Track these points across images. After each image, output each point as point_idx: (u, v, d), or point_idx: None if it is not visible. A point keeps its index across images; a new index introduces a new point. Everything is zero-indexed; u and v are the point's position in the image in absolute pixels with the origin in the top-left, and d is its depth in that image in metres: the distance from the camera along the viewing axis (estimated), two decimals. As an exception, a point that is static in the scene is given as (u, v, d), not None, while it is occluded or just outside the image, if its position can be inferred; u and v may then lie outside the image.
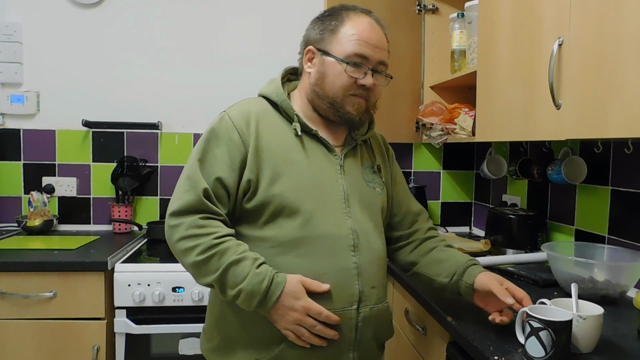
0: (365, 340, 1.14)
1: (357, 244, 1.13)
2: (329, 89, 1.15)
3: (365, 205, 1.19)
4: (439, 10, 2.32)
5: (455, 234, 2.27)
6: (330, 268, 1.09)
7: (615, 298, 1.32)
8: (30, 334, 1.75)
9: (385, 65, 1.18)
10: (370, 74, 1.14)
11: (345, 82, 1.13)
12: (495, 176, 2.10)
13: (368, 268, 1.14)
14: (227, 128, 1.13)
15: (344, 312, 1.09)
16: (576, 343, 0.99)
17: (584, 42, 1.15)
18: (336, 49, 1.14)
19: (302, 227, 1.09)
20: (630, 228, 1.47)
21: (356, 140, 1.24)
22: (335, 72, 1.14)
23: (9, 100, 2.29)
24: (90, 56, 2.34)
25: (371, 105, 1.21)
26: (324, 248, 1.10)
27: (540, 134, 1.34)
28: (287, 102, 1.18)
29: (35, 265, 1.75)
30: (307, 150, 1.16)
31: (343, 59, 1.13)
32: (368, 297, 1.13)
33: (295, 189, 1.10)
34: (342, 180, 1.17)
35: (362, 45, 1.13)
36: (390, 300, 1.81)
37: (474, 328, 1.14)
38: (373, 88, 1.16)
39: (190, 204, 1.08)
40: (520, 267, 1.62)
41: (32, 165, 2.34)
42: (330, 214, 1.13)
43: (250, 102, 1.20)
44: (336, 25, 1.15)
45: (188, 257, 1.07)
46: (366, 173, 1.24)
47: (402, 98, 2.31)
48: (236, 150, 1.11)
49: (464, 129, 1.98)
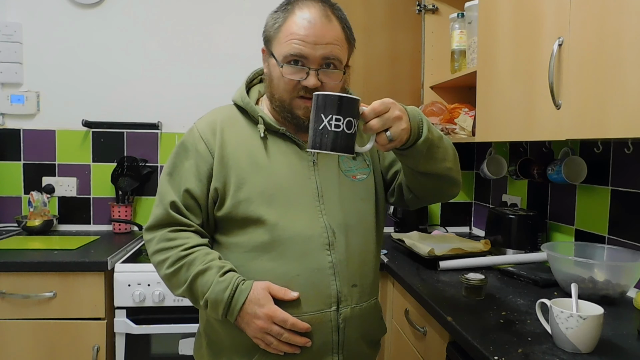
0: (351, 341, 1.11)
1: (332, 242, 1.09)
2: (276, 91, 1.12)
3: (345, 198, 1.15)
4: (439, 10, 2.32)
5: (455, 234, 2.27)
6: (303, 270, 1.07)
7: (615, 298, 1.32)
8: (30, 334, 1.75)
9: (338, 59, 1.09)
10: (313, 73, 1.06)
11: (286, 85, 1.09)
12: (495, 176, 2.10)
13: (347, 266, 1.10)
14: (194, 139, 1.14)
15: (322, 314, 1.07)
16: (576, 343, 0.99)
17: (584, 42, 1.15)
18: (277, 50, 1.09)
19: (271, 230, 1.07)
20: (630, 228, 1.47)
21: None
22: (277, 74, 1.09)
23: (9, 100, 2.29)
24: (90, 56, 2.34)
25: None
26: (296, 249, 1.07)
27: (540, 134, 1.34)
28: (251, 106, 1.15)
29: (35, 265, 1.75)
30: (276, 151, 1.13)
31: (280, 61, 1.08)
32: (348, 296, 1.10)
33: (261, 193, 1.09)
34: (315, 176, 1.14)
35: (297, 45, 1.06)
36: (390, 300, 1.81)
37: (474, 328, 1.14)
38: (322, 87, 1.07)
39: (160, 218, 1.12)
40: (520, 267, 1.62)
41: (32, 165, 2.34)
42: (302, 214, 1.10)
43: (218, 111, 1.20)
44: (280, 23, 1.09)
45: (160, 270, 1.11)
46: (344, 163, 1.19)
47: (402, 98, 2.30)
48: (202, 160, 1.12)
49: (464, 129, 1.98)
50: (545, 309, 1.08)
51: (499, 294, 1.41)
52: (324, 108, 0.91)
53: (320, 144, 0.91)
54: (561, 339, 1.01)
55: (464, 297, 1.37)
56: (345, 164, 1.19)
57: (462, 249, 1.76)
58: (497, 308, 1.28)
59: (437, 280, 1.55)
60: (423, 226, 2.38)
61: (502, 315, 1.22)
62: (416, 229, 2.28)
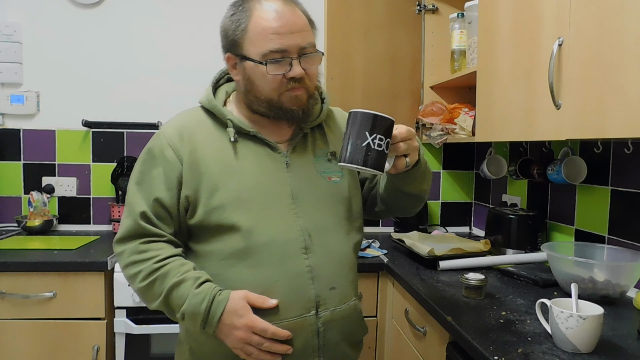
0: (332, 344, 1.09)
1: (309, 245, 1.07)
2: (261, 93, 1.08)
3: (320, 199, 1.12)
4: (439, 10, 2.32)
5: (455, 234, 2.27)
6: (281, 275, 1.05)
7: (615, 298, 1.32)
8: (30, 334, 1.75)
9: (313, 45, 1.08)
10: (297, 62, 1.05)
11: (273, 83, 1.06)
12: (495, 176, 2.10)
13: (325, 269, 1.08)
14: (161, 146, 1.10)
15: (302, 319, 1.05)
16: (576, 343, 0.99)
17: (584, 42, 1.15)
18: (252, 51, 1.05)
19: (247, 237, 1.05)
20: (630, 228, 1.47)
21: (303, 129, 1.16)
22: (259, 75, 1.06)
23: (9, 100, 2.29)
24: (91, 56, 2.34)
25: (311, 89, 1.11)
26: (272, 255, 1.05)
27: (540, 134, 1.34)
28: (219, 109, 1.12)
29: (35, 265, 1.75)
30: (247, 154, 1.10)
31: (261, 60, 1.04)
32: (327, 300, 1.08)
33: (235, 199, 1.06)
34: (289, 178, 1.11)
35: (274, 40, 1.03)
36: (390, 300, 1.81)
37: (474, 328, 1.14)
38: (306, 74, 1.07)
39: (130, 230, 1.08)
40: (520, 267, 1.62)
41: (32, 165, 2.34)
42: (277, 218, 1.07)
43: (186, 114, 1.16)
44: (245, 23, 1.06)
45: (133, 284, 1.08)
46: (320, 163, 1.16)
47: (402, 98, 2.31)
48: (171, 168, 1.08)
49: (464, 129, 1.98)
50: (545, 309, 1.08)
51: (499, 294, 1.41)
52: (371, 126, 0.94)
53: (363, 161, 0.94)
54: (561, 339, 1.01)
55: (464, 297, 1.37)
56: (321, 165, 1.16)
57: (462, 249, 1.76)
58: (497, 308, 1.28)
59: (437, 280, 1.56)
60: (423, 226, 2.38)
61: (502, 315, 1.22)
62: (416, 229, 2.28)
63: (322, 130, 1.21)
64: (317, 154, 1.17)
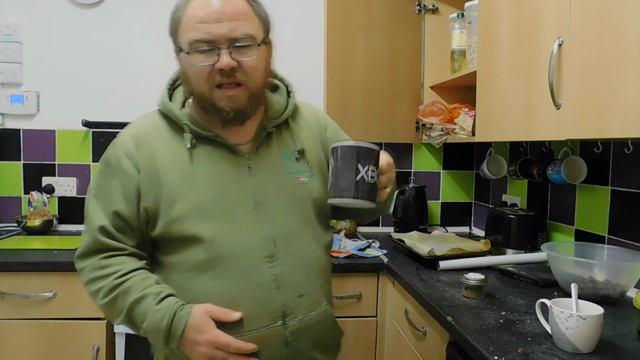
0: (302, 352, 1.06)
1: (274, 252, 1.03)
2: (193, 86, 1.03)
3: (287, 203, 1.07)
4: (439, 10, 2.33)
5: (455, 234, 2.27)
6: (245, 286, 1.01)
7: (615, 298, 1.32)
8: (30, 334, 1.75)
9: (249, 36, 1.00)
10: (225, 52, 0.97)
11: (200, 74, 1.00)
12: (495, 176, 2.10)
13: (291, 277, 1.04)
14: (117, 156, 1.06)
15: (269, 330, 1.02)
16: (576, 343, 0.99)
17: (584, 42, 1.15)
18: (182, 41, 1.02)
19: (208, 248, 1.01)
20: (630, 228, 1.47)
21: (267, 128, 1.10)
22: (188, 66, 1.01)
23: (9, 100, 2.29)
24: (91, 56, 2.34)
25: (253, 87, 1.03)
26: (235, 265, 1.02)
27: (540, 134, 1.34)
28: (174, 113, 1.07)
29: (35, 265, 1.75)
30: (206, 160, 1.05)
31: (187, 50, 1.00)
32: (295, 308, 1.04)
33: (195, 209, 1.02)
34: (252, 182, 1.06)
35: (199, 28, 0.98)
36: (390, 300, 1.81)
37: (474, 328, 1.14)
38: (240, 67, 0.99)
39: (89, 246, 1.05)
40: (520, 267, 1.62)
41: (32, 165, 2.34)
42: (239, 226, 1.03)
43: (142, 120, 1.12)
44: (182, 12, 1.02)
45: (95, 300, 1.04)
46: (287, 163, 1.11)
47: (402, 98, 2.31)
48: (128, 179, 1.04)
49: (464, 129, 1.98)
50: (545, 309, 1.08)
51: (499, 294, 1.41)
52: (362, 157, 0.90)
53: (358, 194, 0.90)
54: (561, 339, 1.01)
55: (464, 297, 1.37)
56: (288, 165, 1.11)
57: (462, 249, 1.76)
58: (497, 308, 1.28)
59: (437, 280, 1.56)
60: (423, 226, 2.38)
61: (502, 315, 1.22)
62: (416, 229, 2.28)
63: (289, 127, 1.15)
64: (284, 153, 1.12)
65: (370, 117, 2.24)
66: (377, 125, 2.25)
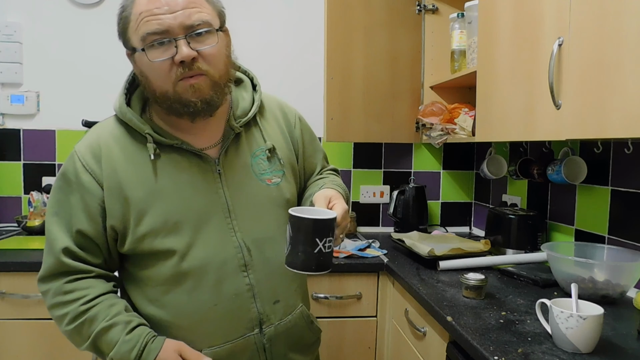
0: (280, 356, 1.06)
1: (248, 261, 1.02)
2: (155, 86, 0.96)
3: (260, 208, 1.04)
4: (439, 10, 2.32)
5: (455, 234, 2.27)
6: (220, 298, 0.99)
7: (615, 298, 1.32)
8: (30, 334, 1.75)
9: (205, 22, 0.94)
10: (182, 42, 0.91)
11: (161, 70, 0.93)
12: (495, 176, 2.10)
13: (267, 284, 1.03)
14: (76, 171, 0.98)
15: (245, 339, 1.01)
16: (576, 343, 0.99)
17: (584, 42, 1.15)
18: (134, 40, 0.94)
19: (180, 261, 0.98)
20: (630, 228, 1.47)
21: (234, 129, 1.05)
22: (146, 65, 0.94)
23: (9, 100, 2.29)
24: (91, 56, 2.34)
25: (217, 76, 0.96)
26: (210, 278, 0.99)
27: (540, 134, 1.34)
28: (135, 121, 0.99)
29: (35, 265, 1.73)
30: (173, 170, 0.99)
31: (141, 47, 0.93)
32: (271, 315, 1.04)
33: (164, 223, 0.97)
34: (223, 189, 1.02)
35: (150, 21, 0.91)
36: (390, 300, 1.81)
37: (474, 328, 1.14)
38: (200, 56, 0.93)
39: (52, 269, 0.98)
40: (520, 267, 1.62)
41: (32, 165, 2.34)
42: (211, 237, 1.00)
43: (101, 128, 1.03)
44: (129, 10, 0.95)
45: (60, 326, 0.99)
46: (257, 165, 1.07)
47: (402, 98, 2.31)
48: (90, 195, 0.97)
49: (464, 129, 1.98)
50: (545, 309, 1.08)
51: (499, 294, 1.41)
52: (320, 232, 0.88)
53: (316, 267, 0.89)
54: (561, 339, 1.01)
55: (464, 297, 1.37)
56: (259, 166, 1.07)
57: (462, 249, 1.76)
58: (497, 308, 1.28)
59: (437, 280, 1.56)
60: (423, 226, 2.38)
61: (502, 315, 1.22)
62: (416, 229, 2.28)
63: (257, 124, 1.10)
64: (255, 153, 1.08)
65: (370, 117, 2.24)
66: (377, 125, 2.25)
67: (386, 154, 2.51)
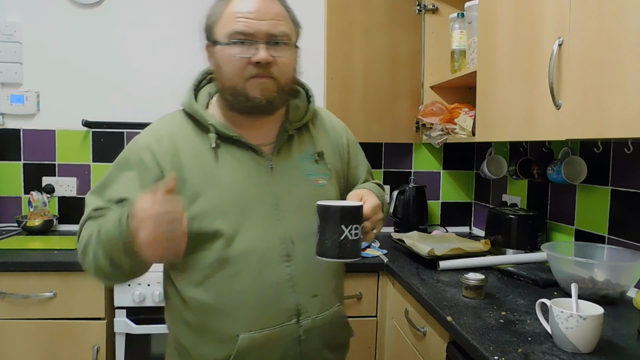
0: (313, 351, 1.09)
1: (290, 252, 1.06)
2: (226, 78, 1.05)
3: (305, 204, 1.07)
4: (439, 10, 2.32)
5: (455, 234, 2.27)
6: (261, 285, 1.03)
7: (615, 298, 1.32)
8: (30, 334, 1.75)
9: (286, 35, 1.04)
10: (263, 46, 1.01)
11: (237, 65, 1.02)
12: (495, 176, 2.10)
13: (307, 277, 1.07)
14: (138, 149, 1.06)
15: (282, 328, 1.04)
16: (576, 343, 0.99)
17: (584, 42, 1.15)
18: (220, 34, 1.05)
19: (225, 247, 1.02)
20: (630, 228, 1.47)
21: (288, 131, 1.13)
22: (225, 58, 1.04)
23: (9, 100, 2.29)
24: (91, 56, 2.34)
25: (283, 84, 1.06)
26: (252, 264, 1.03)
27: (540, 134, 1.34)
28: (200, 113, 1.08)
29: (35, 265, 1.75)
30: (230, 159, 1.07)
31: (226, 41, 1.03)
32: (308, 308, 1.07)
33: (215, 207, 1.03)
34: (272, 183, 1.08)
35: (240, 22, 1.02)
36: (390, 300, 1.81)
37: (474, 328, 1.14)
38: (274, 62, 1.03)
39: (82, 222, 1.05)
40: (520, 267, 1.62)
41: (32, 165, 2.34)
42: (257, 225, 1.05)
43: (165, 120, 1.13)
44: (222, 9, 1.06)
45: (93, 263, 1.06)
46: (306, 166, 1.13)
47: (402, 98, 2.31)
48: (148, 172, 1.03)
49: (464, 129, 1.98)
50: (545, 309, 1.08)
51: (499, 294, 1.41)
52: (345, 219, 0.93)
53: (343, 254, 0.94)
54: (561, 339, 1.01)
55: (464, 297, 1.37)
56: (307, 167, 1.14)
57: (462, 249, 1.76)
58: (497, 308, 1.28)
59: (437, 280, 1.56)
60: (423, 226, 2.38)
61: (502, 315, 1.22)
62: (416, 229, 2.28)
63: (309, 131, 1.18)
64: (304, 155, 1.15)
65: (370, 117, 2.24)
66: (377, 125, 2.25)
67: (386, 153, 2.51)
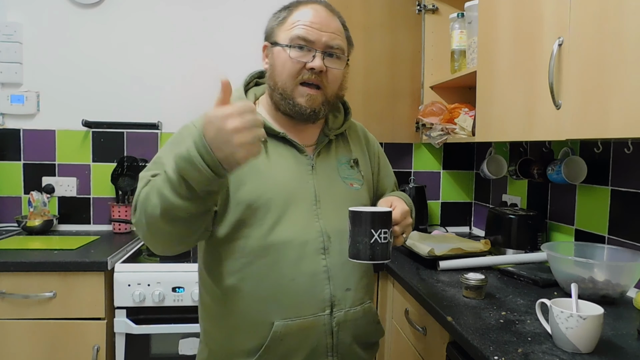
0: (345, 344, 1.12)
1: (327, 246, 1.11)
2: (279, 78, 1.12)
3: (341, 203, 1.13)
4: (439, 10, 2.33)
5: (455, 234, 2.27)
6: (298, 274, 1.07)
7: (615, 298, 1.32)
8: (30, 334, 1.75)
9: (341, 49, 1.14)
10: (319, 55, 1.10)
11: (292, 68, 1.10)
12: (495, 176, 2.10)
13: (341, 270, 1.12)
14: (191, 128, 1.10)
15: (316, 318, 1.08)
16: (576, 343, 0.99)
17: (584, 42, 1.15)
18: (282, 37, 1.12)
19: (267, 234, 1.07)
20: (630, 228, 1.47)
21: (328, 136, 1.21)
22: (282, 59, 1.11)
23: (9, 100, 2.29)
24: (91, 56, 2.34)
25: (329, 94, 1.15)
26: (291, 254, 1.08)
27: (540, 134, 1.34)
28: None
29: (35, 265, 1.75)
30: (275, 155, 1.13)
31: (287, 43, 1.10)
32: (342, 300, 1.11)
33: (259, 197, 1.08)
34: (313, 180, 1.14)
35: (304, 29, 1.10)
36: (390, 300, 1.81)
37: (474, 328, 1.14)
38: (326, 72, 1.11)
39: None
40: (520, 267, 1.62)
41: (32, 165, 2.34)
42: (298, 218, 1.10)
43: None
44: (286, 16, 1.14)
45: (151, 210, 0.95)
46: (342, 169, 1.21)
47: (402, 98, 2.31)
48: None
49: (464, 129, 1.98)
50: (545, 309, 1.08)
51: (499, 294, 1.41)
52: (375, 223, 1.00)
53: (374, 256, 1.01)
54: (561, 339, 1.01)
55: (464, 297, 1.37)
56: (344, 171, 1.21)
57: (462, 249, 1.76)
58: (497, 308, 1.28)
59: (437, 280, 1.56)
60: (423, 226, 2.38)
61: (502, 315, 1.22)
62: (416, 229, 2.28)
63: (345, 139, 1.27)
64: (341, 160, 1.22)
65: (370, 117, 2.24)
66: (377, 125, 2.25)
67: (386, 153, 2.49)
